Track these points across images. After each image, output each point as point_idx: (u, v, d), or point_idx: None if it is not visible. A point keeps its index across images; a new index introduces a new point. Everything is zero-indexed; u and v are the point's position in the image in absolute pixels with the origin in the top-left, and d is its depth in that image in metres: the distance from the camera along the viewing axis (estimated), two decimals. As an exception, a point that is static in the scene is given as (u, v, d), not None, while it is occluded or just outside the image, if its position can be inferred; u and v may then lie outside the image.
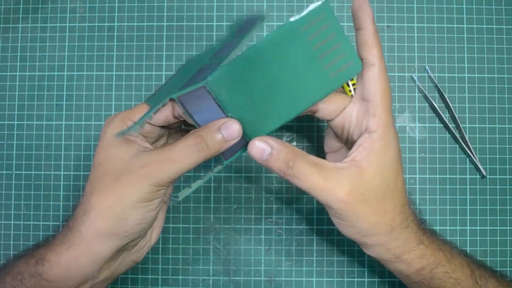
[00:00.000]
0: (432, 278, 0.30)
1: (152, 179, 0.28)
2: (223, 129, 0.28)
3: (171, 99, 0.28)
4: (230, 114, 0.29)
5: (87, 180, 0.30)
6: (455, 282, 0.30)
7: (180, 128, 0.35)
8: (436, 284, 0.30)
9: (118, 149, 0.29)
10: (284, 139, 0.42)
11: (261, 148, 0.28)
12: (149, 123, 0.30)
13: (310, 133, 0.42)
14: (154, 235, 0.33)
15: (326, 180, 0.28)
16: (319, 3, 0.27)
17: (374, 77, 0.29)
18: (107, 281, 0.31)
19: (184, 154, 0.28)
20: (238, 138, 0.29)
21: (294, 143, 0.42)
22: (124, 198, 0.28)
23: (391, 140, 0.29)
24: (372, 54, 0.29)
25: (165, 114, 0.29)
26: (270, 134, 0.30)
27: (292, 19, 0.27)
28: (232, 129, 0.28)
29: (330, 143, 0.34)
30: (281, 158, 0.28)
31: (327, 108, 0.31)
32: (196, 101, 0.28)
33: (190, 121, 0.29)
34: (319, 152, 0.42)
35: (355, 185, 0.28)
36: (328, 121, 0.32)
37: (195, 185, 0.32)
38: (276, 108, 0.29)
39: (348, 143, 0.32)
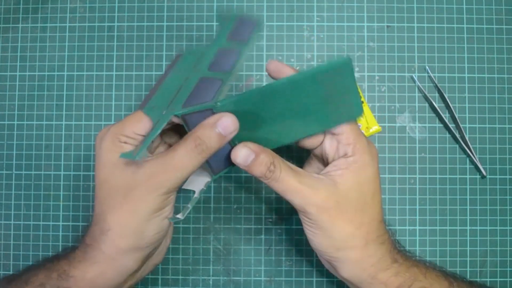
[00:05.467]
0: None
1: (161, 189, 0.28)
2: (219, 126, 0.28)
3: (175, 116, 0.28)
4: None
5: (95, 199, 0.30)
6: None
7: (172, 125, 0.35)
8: None
9: (118, 164, 0.29)
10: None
11: (245, 154, 0.29)
12: (142, 134, 0.30)
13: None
14: (168, 236, 0.34)
15: (301, 183, 0.29)
16: (343, 59, 0.28)
17: None
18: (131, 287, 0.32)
19: (187, 158, 0.28)
20: (236, 132, 0.29)
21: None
22: (138, 213, 0.28)
23: (367, 161, 0.30)
24: None
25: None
26: None
27: (313, 66, 0.28)
28: (227, 124, 0.28)
29: (309, 170, 0.35)
30: (263, 162, 0.29)
31: (307, 141, 0.32)
32: (200, 120, 0.29)
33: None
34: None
35: (330, 193, 0.29)
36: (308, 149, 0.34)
37: (192, 202, 0.32)
38: (275, 136, 0.31)
39: None
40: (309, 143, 0.32)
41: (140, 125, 0.30)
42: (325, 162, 0.33)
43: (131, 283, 0.32)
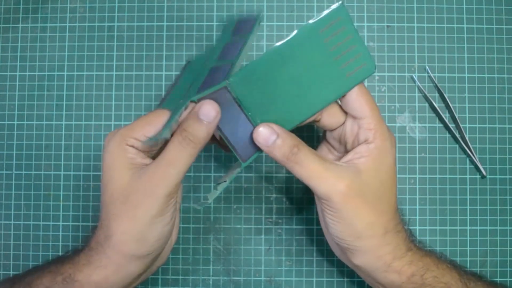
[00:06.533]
0: (423, 284, 0.30)
1: (159, 190, 0.28)
2: (200, 114, 0.27)
3: (192, 101, 0.28)
4: (249, 113, 0.29)
5: (100, 201, 0.30)
6: (445, 287, 0.30)
7: None
8: None
9: (118, 169, 0.29)
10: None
11: (267, 134, 0.29)
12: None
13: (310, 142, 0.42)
14: (173, 237, 0.33)
15: (326, 170, 0.28)
16: (336, 5, 0.28)
17: (357, 96, 0.30)
18: None
19: (177, 153, 0.28)
20: (218, 117, 0.28)
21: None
22: (138, 219, 0.28)
23: (388, 148, 0.30)
24: None
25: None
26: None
27: (310, 21, 0.28)
28: (207, 110, 0.27)
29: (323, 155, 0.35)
30: (286, 144, 0.28)
31: (329, 120, 0.32)
32: (216, 101, 0.28)
33: None
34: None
35: (354, 181, 0.29)
36: (327, 131, 0.33)
37: (220, 187, 0.32)
38: (295, 108, 0.30)
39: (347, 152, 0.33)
40: (330, 122, 0.32)
41: (150, 128, 0.29)
42: (342, 145, 0.33)
43: (135, 284, 0.32)
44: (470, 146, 0.41)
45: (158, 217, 0.28)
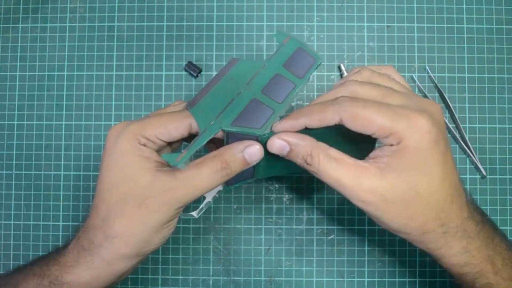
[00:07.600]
0: (473, 285, 0.29)
1: (178, 204, 0.28)
2: (247, 153, 0.29)
3: (222, 130, 0.29)
4: (260, 163, 0.31)
5: (99, 200, 0.29)
6: None
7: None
8: None
9: (134, 168, 0.28)
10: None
11: (280, 145, 0.29)
12: (163, 140, 0.30)
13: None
14: None
15: (343, 177, 0.28)
16: None
17: (353, 122, 0.28)
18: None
19: (210, 180, 0.28)
20: (259, 160, 0.29)
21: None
22: (148, 224, 0.28)
23: (418, 147, 0.27)
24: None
25: (184, 130, 0.30)
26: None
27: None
28: (255, 152, 0.29)
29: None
30: (299, 154, 0.29)
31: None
32: (240, 138, 0.29)
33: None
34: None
35: (375, 185, 0.27)
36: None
37: (206, 205, 0.33)
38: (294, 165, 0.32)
39: None
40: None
41: (164, 131, 0.29)
42: None
43: (122, 278, 0.31)
44: (470, 146, 0.41)
45: (167, 223, 0.29)
